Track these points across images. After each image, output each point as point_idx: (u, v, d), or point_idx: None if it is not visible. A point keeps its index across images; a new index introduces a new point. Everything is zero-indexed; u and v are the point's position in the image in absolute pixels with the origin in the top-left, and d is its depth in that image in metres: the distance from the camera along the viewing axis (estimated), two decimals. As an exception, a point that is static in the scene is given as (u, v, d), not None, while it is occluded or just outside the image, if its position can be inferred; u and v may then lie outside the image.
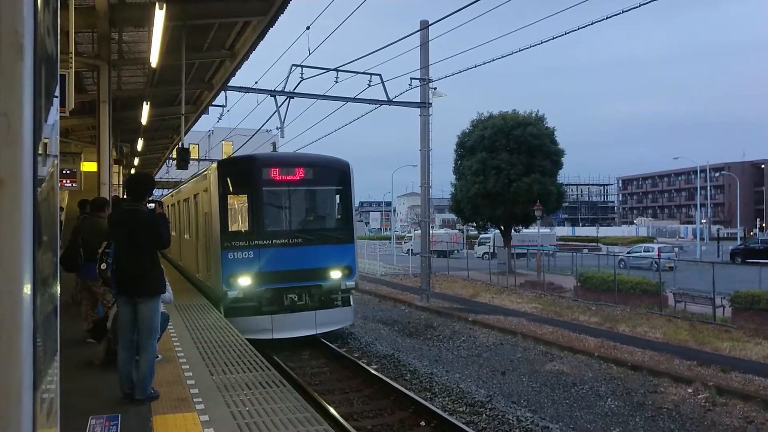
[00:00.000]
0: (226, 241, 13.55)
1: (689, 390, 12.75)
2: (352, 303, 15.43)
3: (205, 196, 14.83)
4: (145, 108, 16.26)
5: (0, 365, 0.76)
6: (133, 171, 26.65)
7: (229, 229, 13.82)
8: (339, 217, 15.25)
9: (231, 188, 14.03)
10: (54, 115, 1.08)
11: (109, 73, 12.41)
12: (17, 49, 0.77)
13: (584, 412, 11.82)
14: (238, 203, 14.45)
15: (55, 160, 1.10)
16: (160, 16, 9.37)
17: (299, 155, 16.73)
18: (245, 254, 13.60)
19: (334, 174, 15.18)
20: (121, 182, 22.48)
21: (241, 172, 14.48)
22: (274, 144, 20.34)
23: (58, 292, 1.05)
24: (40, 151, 0.88)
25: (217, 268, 13.63)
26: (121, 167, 25.09)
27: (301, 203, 15.06)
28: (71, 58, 8.69)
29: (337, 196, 15.23)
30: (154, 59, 11.29)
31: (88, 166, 18.78)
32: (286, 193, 14.58)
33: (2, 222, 0.77)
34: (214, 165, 14.53)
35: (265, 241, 13.77)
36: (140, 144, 23.89)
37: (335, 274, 14.42)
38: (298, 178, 14.42)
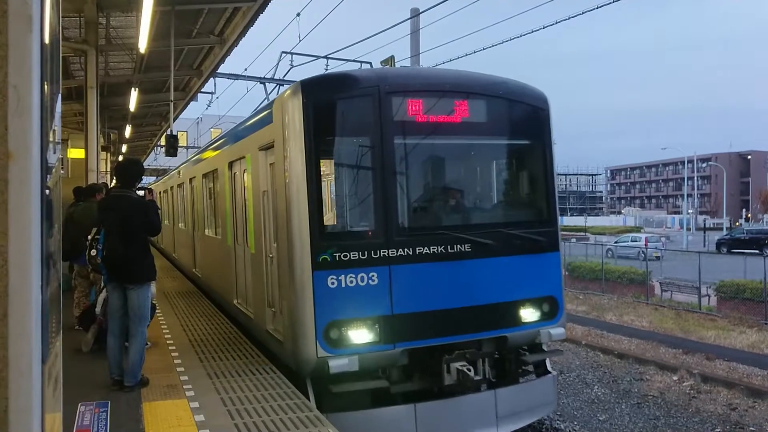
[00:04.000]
0: (321, 251, 6.61)
1: (674, 378, 12.92)
2: (551, 369, 8.11)
3: (264, 159, 7.91)
4: (133, 94, 16.12)
5: (12, 337, 0.76)
6: (120, 158, 26.45)
7: (327, 226, 6.86)
8: (532, 199, 8.17)
9: (332, 139, 7.07)
10: (59, 104, 1.08)
11: (96, 59, 12.31)
12: (26, 20, 0.76)
13: (571, 399, 11.96)
14: (343, 172, 7.28)
15: (60, 148, 1.09)
16: (148, 0, 9.27)
17: (456, 74, 8.06)
18: (362, 278, 6.74)
19: (523, 114, 7.94)
20: (108, 169, 22.30)
21: (350, 106, 7.11)
22: (391, 58, 10.09)
23: (61, 270, 1.05)
24: (50, 138, 0.88)
25: (300, 306, 6.62)
26: (109, 154, 24.88)
27: (467, 171, 8.36)
28: (58, 42, 8.61)
29: (529, 158, 8.09)
30: (142, 45, 11.18)
31: (76, 153, 18.60)
32: (437, 150, 7.79)
33: (12, 196, 0.76)
34: (293, 91, 6.96)
35: (401, 251, 6.88)
36: (128, 131, 23.71)
37: (528, 314, 7.52)
38: (458, 118, 7.35)
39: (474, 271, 7.19)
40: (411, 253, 6.95)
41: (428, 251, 7.02)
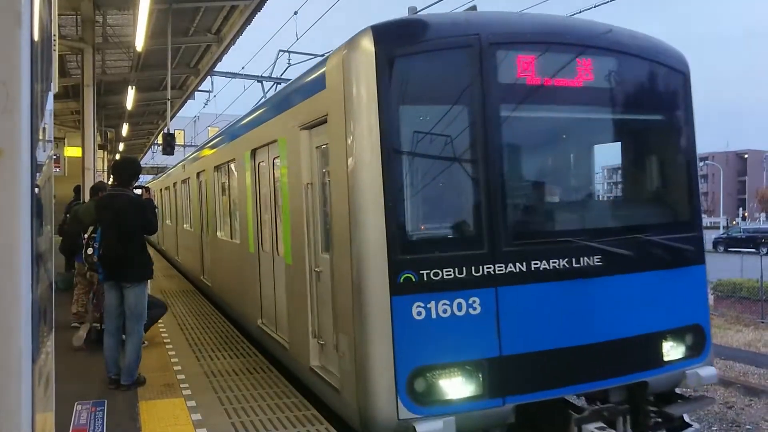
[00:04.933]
0: (402, 267, 4.66)
1: (671, 376, 12.95)
2: (688, 419, 6.04)
3: (307, 141, 6.04)
4: (130, 92, 16.10)
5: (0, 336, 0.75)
6: (118, 156, 26.43)
7: (411, 232, 4.96)
8: (671, 194, 6.19)
9: (417, 108, 5.18)
10: (51, 101, 1.07)
11: (93, 57, 12.31)
12: (15, 16, 0.76)
13: (568, 397, 11.97)
14: (432, 157, 5.17)
15: (51, 146, 1.09)
16: (145, -2, 9.26)
17: (575, 23, 6.18)
18: (458, 306, 4.79)
19: (661, 79, 5.99)
20: (105, 167, 22.28)
21: (440, 62, 5.03)
22: (474, 6, 7.54)
23: (53, 268, 1.04)
24: (40, 137, 0.87)
25: (371, 345, 4.70)
26: (106, 152, 24.87)
27: (591, 155, 6.34)
28: (55, 40, 8.59)
29: (668, 139, 6.13)
30: (139, 43, 11.16)
31: (72, 152, 18.60)
32: (554, 125, 5.87)
33: (0, 193, 0.76)
34: (359, 42, 4.90)
35: (511, 266, 4.95)
36: (125, 129, 23.69)
37: (670, 350, 5.67)
38: (579, 82, 5.45)
39: (606, 292, 5.32)
40: (524, 269, 5.02)
41: (547, 266, 5.10)
